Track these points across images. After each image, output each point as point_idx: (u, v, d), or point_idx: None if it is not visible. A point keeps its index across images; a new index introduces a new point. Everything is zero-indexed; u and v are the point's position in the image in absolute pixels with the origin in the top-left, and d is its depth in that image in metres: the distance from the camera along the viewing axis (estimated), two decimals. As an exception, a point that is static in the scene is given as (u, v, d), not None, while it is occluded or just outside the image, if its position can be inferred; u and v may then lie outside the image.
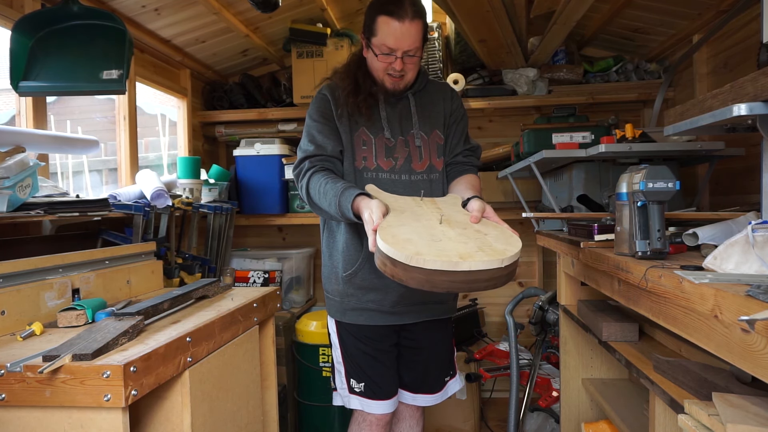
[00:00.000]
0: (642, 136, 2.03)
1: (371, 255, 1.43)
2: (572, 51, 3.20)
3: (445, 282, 1.16)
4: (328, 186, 1.51)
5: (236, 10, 2.62)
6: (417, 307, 1.71)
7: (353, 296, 1.69)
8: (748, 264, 1.00)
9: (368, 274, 1.65)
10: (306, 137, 1.66)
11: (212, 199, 2.69)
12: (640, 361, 1.46)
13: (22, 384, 1.03)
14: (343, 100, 1.65)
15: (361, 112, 1.64)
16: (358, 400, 1.74)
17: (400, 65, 1.58)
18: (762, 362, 0.80)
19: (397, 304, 1.67)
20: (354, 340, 1.73)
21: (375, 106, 1.68)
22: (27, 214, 1.57)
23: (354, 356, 1.73)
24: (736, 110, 1.12)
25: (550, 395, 2.52)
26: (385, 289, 1.65)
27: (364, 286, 1.67)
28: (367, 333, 1.72)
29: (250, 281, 3.01)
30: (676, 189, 1.20)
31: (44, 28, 1.85)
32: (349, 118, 1.66)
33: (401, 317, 1.70)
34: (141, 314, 1.32)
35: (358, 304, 1.69)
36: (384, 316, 1.69)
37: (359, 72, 1.66)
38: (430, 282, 1.16)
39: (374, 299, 1.67)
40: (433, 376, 1.82)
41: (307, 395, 2.79)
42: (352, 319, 1.71)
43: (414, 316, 1.72)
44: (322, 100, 1.69)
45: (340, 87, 1.68)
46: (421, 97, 1.74)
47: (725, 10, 2.32)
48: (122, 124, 2.45)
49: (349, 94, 1.64)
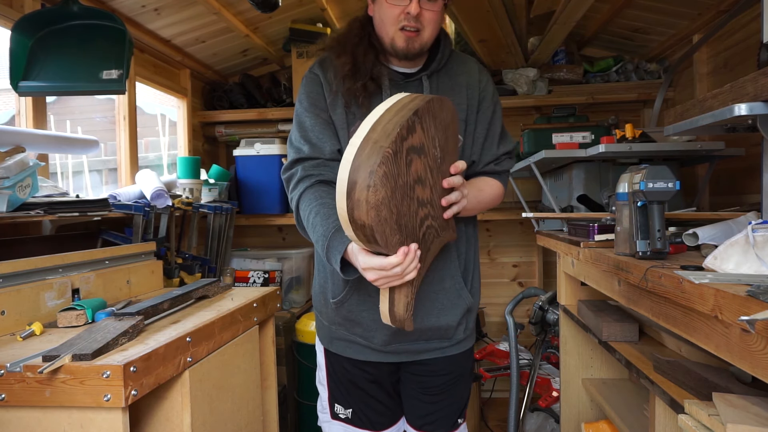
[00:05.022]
0: (642, 136, 2.03)
1: (359, 283, 1.26)
2: (572, 51, 3.20)
3: (390, 126, 1.00)
4: (318, 218, 1.21)
5: (236, 10, 2.62)
6: (416, 345, 1.38)
7: (341, 326, 1.39)
8: (748, 264, 1.00)
9: (355, 305, 1.34)
10: (297, 130, 1.34)
11: (212, 199, 2.69)
12: (640, 361, 1.46)
13: (22, 384, 1.02)
14: (336, 85, 1.32)
15: (358, 101, 1.30)
16: (341, 428, 1.45)
17: (416, 8, 1.24)
18: (762, 362, 0.80)
19: (389, 343, 1.36)
20: (343, 369, 1.44)
21: (377, 93, 1.31)
22: (27, 214, 1.57)
23: (342, 383, 1.45)
24: (737, 110, 1.12)
25: (550, 395, 2.52)
26: (374, 325, 1.33)
27: (350, 318, 1.36)
28: (358, 370, 1.42)
29: (250, 281, 3.01)
30: (676, 189, 1.19)
31: (44, 28, 1.85)
32: (344, 107, 1.32)
33: (397, 356, 1.39)
34: (141, 314, 1.32)
35: (345, 335, 1.40)
36: (375, 353, 1.39)
37: (360, 46, 1.31)
38: (378, 141, 0.99)
39: (362, 335, 1.37)
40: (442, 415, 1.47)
41: (307, 395, 2.79)
42: (339, 350, 1.42)
43: (412, 356, 1.40)
44: (312, 82, 1.35)
45: (333, 65, 1.33)
46: (440, 80, 1.36)
47: (725, 10, 2.32)
48: (122, 124, 2.44)
49: (345, 77, 1.30)
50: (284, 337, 2.74)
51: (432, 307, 1.34)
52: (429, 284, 1.32)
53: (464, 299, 1.38)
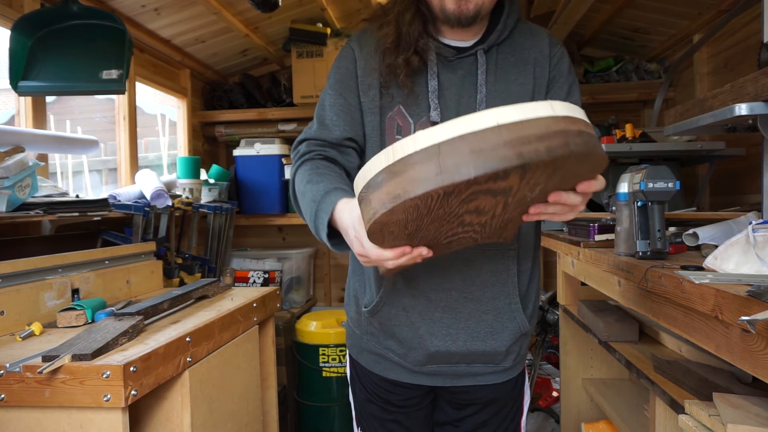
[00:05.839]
0: (642, 136, 2.03)
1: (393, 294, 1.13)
2: (572, 51, 3.20)
3: (465, 160, 0.62)
4: (310, 185, 1.01)
5: (236, 10, 2.62)
6: (456, 368, 1.17)
7: (373, 336, 1.21)
8: (748, 264, 1.00)
9: (387, 318, 1.17)
10: (318, 106, 1.17)
11: (212, 199, 2.69)
12: (640, 361, 1.46)
13: (22, 384, 1.02)
14: (375, 62, 1.11)
15: (398, 80, 1.09)
16: None
17: None
18: (762, 362, 0.80)
19: (425, 363, 1.16)
20: (371, 387, 1.25)
21: (422, 71, 1.10)
22: (26, 214, 1.57)
23: (364, 416, 1.29)
24: (737, 110, 1.12)
25: (550, 395, 2.52)
26: (408, 341, 1.15)
27: (383, 330, 1.18)
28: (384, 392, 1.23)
29: (250, 281, 3.01)
30: (677, 189, 1.19)
31: (44, 28, 1.85)
32: (380, 89, 1.11)
33: (432, 378, 1.19)
34: (141, 314, 1.32)
35: (376, 348, 1.21)
36: (408, 373, 1.19)
37: (406, 14, 1.09)
38: (441, 173, 0.63)
39: (395, 349, 1.18)
40: None
41: (307, 395, 2.79)
42: (367, 363, 1.24)
43: (450, 380, 1.19)
44: (345, 57, 1.16)
45: (374, 38, 1.13)
46: (500, 55, 1.12)
47: (726, 9, 2.32)
48: (122, 124, 2.44)
49: (386, 51, 1.09)
50: (284, 337, 2.74)
51: (478, 328, 1.14)
52: (478, 302, 1.13)
53: (518, 322, 1.16)
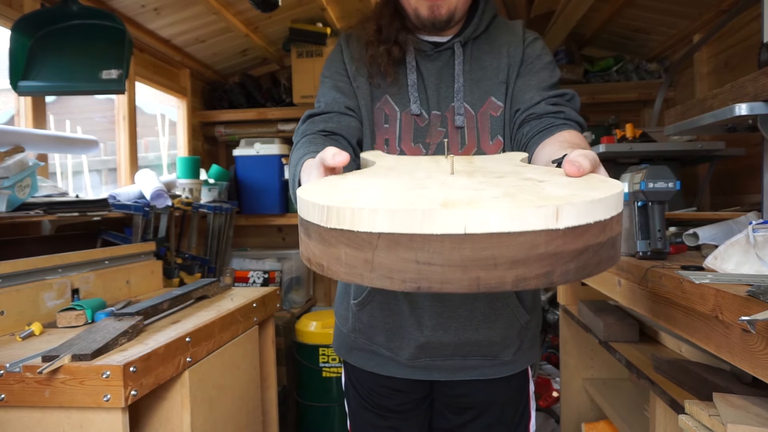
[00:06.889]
0: (642, 136, 2.03)
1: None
2: (572, 51, 3.20)
3: (404, 268, 0.46)
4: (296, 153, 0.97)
5: (236, 10, 2.62)
6: (451, 361, 1.14)
7: (361, 333, 1.19)
8: (748, 264, 1.00)
9: (377, 310, 1.15)
10: (317, 96, 1.19)
11: (212, 199, 2.69)
12: (640, 361, 1.46)
13: (22, 384, 1.02)
14: (358, 53, 1.17)
15: (381, 69, 1.13)
16: None
17: None
18: (762, 362, 0.80)
19: (417, 356, 1.13)
20: (361, 402, 1.24)
21: (402, 63, 1.14)
22: (26, 214, 1.57)
23: (359, 424, 1.27)
24: (737, 110, 1.12)
25: (550, 395, 2.52)
26: (398, 333, 1.13)
27: (372, 324, 1.16)
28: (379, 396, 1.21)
29: (250, 281, 3.01)
30: (677, 189, 1.19)
31: (43, 28, 1.85)
32: (368, 79, 1.15)
33: (427, 372, 1.16)
34: (140, 314, 1.32)
35: (366, 344, 1.19)
36: (401, 368, 1.16)
37: (385, 11, 1.16)
38: (373, 270, 0.48)
39: (385, 344, 1.16)
40: None
41: (307, 395, 2.79)
42: (359, 362, 1.22)
43: (446, 374, 1.16)
44: (335, 51, 1.22)
45: (357, 35, 1.20)
46: (476, 48, 1.15)
47: (726, 9, 2.32)
48: (122, 124, 2.44)
49: (368, 44, 1.14)
50: (284, 337, 2.74)
51: (471, 316, 1.11)
52: None
53: (512, 309, 1.12)
